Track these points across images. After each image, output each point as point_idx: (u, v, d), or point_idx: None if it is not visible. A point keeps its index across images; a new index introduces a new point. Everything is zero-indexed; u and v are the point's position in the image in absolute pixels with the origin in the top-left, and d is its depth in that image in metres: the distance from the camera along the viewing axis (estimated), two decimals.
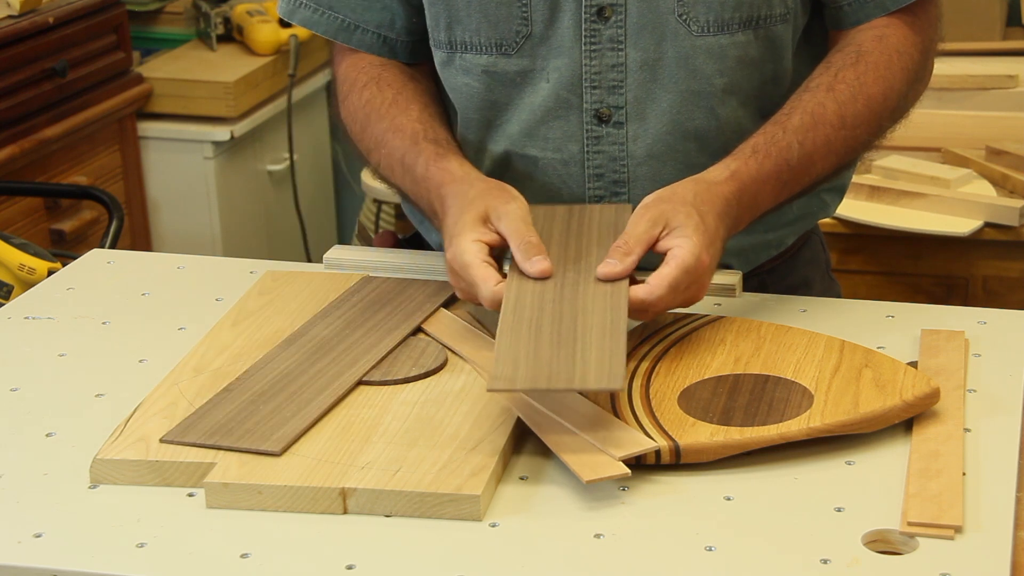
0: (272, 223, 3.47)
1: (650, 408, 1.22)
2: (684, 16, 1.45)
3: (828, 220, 1.82)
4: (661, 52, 1.46)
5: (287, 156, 3.42)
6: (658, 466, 1.18)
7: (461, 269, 1.33)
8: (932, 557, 1.07)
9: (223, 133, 3.19)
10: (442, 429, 1.21)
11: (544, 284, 1.31)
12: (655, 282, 1.28)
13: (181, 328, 1.45)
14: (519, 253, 1.32)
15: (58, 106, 2.88)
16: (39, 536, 1.11)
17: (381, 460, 1.17)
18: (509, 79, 1.50)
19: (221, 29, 3.37)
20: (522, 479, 1.18)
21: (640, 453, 1.16)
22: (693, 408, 1.22)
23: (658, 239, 1.32)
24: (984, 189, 2.46)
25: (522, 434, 1.22)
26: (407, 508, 1.13)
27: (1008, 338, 1.39)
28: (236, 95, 3.19)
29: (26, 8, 2.79)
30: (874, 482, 1.16)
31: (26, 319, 1.50)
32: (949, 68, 2.60)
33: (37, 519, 1.14)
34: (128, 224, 3.09)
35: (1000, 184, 2.47)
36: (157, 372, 1.35)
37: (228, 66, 3.27)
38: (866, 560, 1.07)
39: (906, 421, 1.23)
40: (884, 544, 1.09)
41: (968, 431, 1.23)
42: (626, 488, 1.16)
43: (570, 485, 1.16)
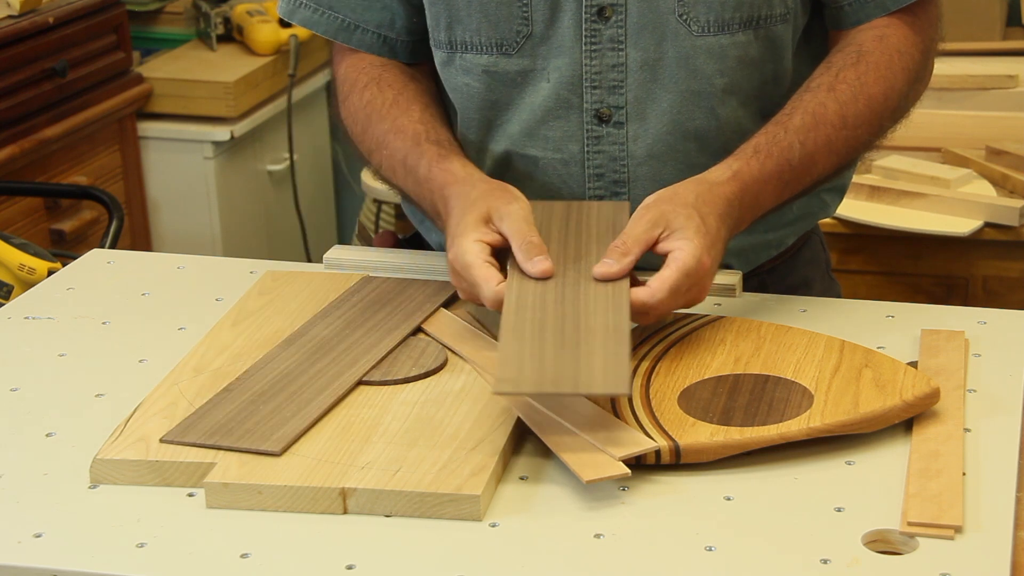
0: (272, 223, 3.46)
1: (650, 408, 1.22)
2: (684, 16, 1.45)
3: (828, 220, 1.82)
4: (661, 52, 1.46)
5: (287, 156, 3.42)
6: (658, 466, 1.17)
7: (463, 269, 1.33)
8: (932, 557, 1.06)
9: (223, 133, 3.19)
10: (442, 429, 1.21)
11: (545, 284, 1.31)
12: (656, 285, 1.28)
13: (181, 328, 1.45)
14: (520, 253, 1.32)
15: (58, 106, 2.88)
16: (39, 536, 1.11)
17: (381, 460, 1.17)
18: (509, 79, 1.50)
19: (221, 29, 3.37)
20: (522, 479, 1.18)
21: (640, 453, 1.16)
22: (693, 408, 1.22)
23: (658, 240, 1.32)
24: (984, 189, 2.46)
25: (522, 434, 1.22)
26: (407, 508, 1.13)
27: (1008, 338, 1.39)
28: (236, 95, 3.19)
29: (26, 8, 2.79)
30: (874, 482, 1.16)
31: (26, 319, 1.50)
32: (949, 68, 2.60)
33: (37, 519, 1.13)
34: (128, 224, 3.09)
35: (1000, 184, 2.47)
36: (157, 372, 1.35)
37: (228, 66, 3.27)
38: (866, 560, 1.06)
39: (906, 421, 1.23)
40: (884, 544, 1.09)
41: (968, 431, 1.22)
42: (626, 488, 1.15)
43: (570, 485, 1.16)
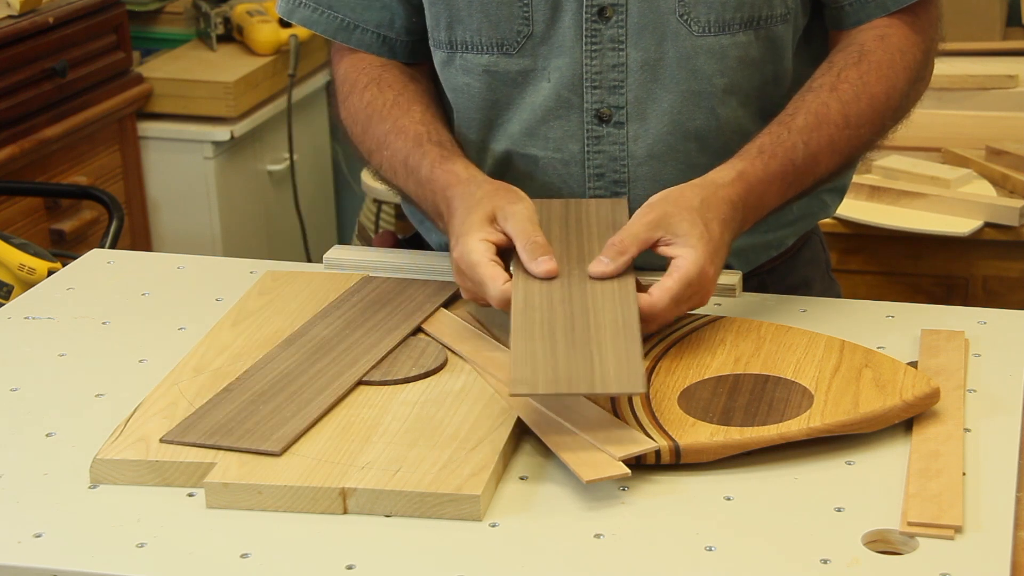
0: (272, 223, 3.46)
1: (650, 408, 1.22)
2: (685, 16, 1.45)
3: (828, 220, 1.82)
4: (662, 52, 1.46)
5: (287, 156, 3.42)
6: (658, 466, 1.17)
7: (468, 268, 1.32)
8: (932, 557, 1.06)
9: (223, 133, 3.19)
10: (442, 429, 1.21)
11: (551, 284, 1.30)
12: (658, 294, 1.28)
13: (181, 328, 1.45)
14: (525, 253, 1.32)
15: (58, 106, 2.88)
16: (39, 536, 1.11)
17: (381, 460, 1.17)
18: (510, 79, 1.50)
19: (221, 29, 3.37)
20: (522, 479, 1.18)
21: (640, 453, 1.16)
22: (693, 408, 1.22)
23: (658, 243, 1.32)
24: (984, 189, 2.46)
25: (522, 434, 1.22)
26: (407, 508, 1.12)
27: (1008, 338, 1.39)
28: (236, 95, 3.19)
29: (26, 8, 2.79)
30: (874, 482, 1.16)
31: (26, 319, 1.50)
32: (949, 68, 2.60)
33: (37, 519, 1.13)
34: (128, 224, 3.09)
35: (1000, 184, 2.47)
36: (157, 372, 1.35)
37: (228, 66, 3.27)
38: (866, 560, 1.06)
39: (906, 421, 1.23)
40: (884, 544, 1.09)
41: (968, 431, 1.22)
42: (626, 488, 1.15)
43: (570, 485, 1.16)
